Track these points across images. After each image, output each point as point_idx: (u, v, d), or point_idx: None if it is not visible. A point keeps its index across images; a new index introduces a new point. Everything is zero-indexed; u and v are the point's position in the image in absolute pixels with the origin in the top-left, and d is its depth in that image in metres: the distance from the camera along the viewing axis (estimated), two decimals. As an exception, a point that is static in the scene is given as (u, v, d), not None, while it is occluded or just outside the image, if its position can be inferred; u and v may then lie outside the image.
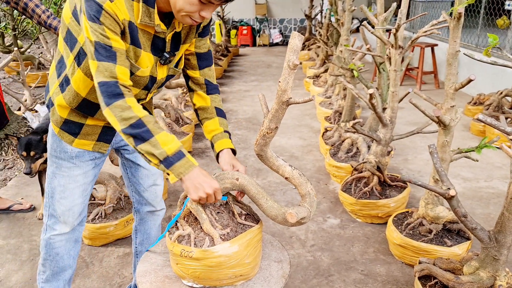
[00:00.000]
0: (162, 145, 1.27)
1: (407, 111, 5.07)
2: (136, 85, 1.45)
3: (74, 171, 1.62)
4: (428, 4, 7.65)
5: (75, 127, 1.57)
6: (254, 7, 11.05)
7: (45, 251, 1.74)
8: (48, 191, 1.67)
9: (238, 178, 1.40)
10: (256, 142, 1.33)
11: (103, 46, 1.27)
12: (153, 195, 1.88)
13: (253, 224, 1.44)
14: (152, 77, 1.47)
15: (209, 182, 1.31)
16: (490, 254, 1.70)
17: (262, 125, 1.28)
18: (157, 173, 1.85)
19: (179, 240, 1.39)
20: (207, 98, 1.64)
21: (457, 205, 1.65)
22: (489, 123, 1.40)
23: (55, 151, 1.62)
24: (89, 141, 1.60)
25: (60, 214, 1.67)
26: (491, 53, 5.13)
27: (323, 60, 6.38)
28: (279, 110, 1.21)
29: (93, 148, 1.61)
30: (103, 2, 1.25)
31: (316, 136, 4.43)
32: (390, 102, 2.75)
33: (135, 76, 1.41)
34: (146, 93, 1.53)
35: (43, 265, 1.77)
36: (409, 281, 2.24)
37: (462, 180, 3.37)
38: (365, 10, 2.92)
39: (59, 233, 1.70)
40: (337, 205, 3.03)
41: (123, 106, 1.28)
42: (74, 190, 1.64)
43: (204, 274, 1.35)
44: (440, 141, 2.21)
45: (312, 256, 2.47)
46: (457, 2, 1.99)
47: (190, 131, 4.12)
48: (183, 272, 1.39)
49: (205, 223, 1.37)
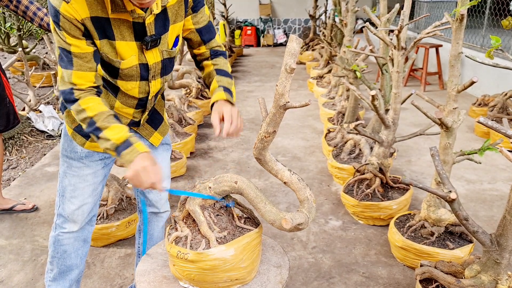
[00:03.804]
0: (111, 137, 1.32)
1: (410, 112, 5.04)
2: (129, 78, 1.44)
3: (84, 170, 1.64)
4: (433, 4, 7.61)
5: None
6: (259, 7, 11.04)
7: (53, 248, 1.75)
8: (59, 190, 1.69)
9: (236, 181, 1.39)
10: (254, 146, 1.32)
11: (64, 52, 1.32)
12: (158, 197, 1.89)
13: (252, 227, 1.44)
14: (143, 65, 1.45)
15: (149, 172, 1.31)
16: (492, 258, 1.68)
17: (260, 128, 1.28)
18: (164, 176, 1.85)
19: (176, 241, 1.39)
20: (210, 65, 1.63)
21: (459, 208, 1.64)
22: (490, 126, 1.39)
23: (65, 151, 1.64)
24: None
25: (69, 214, 1.69)
26: (495, 54, 5.10)
27: (327, 60, 6.37)
28: (277, 114, 1.20)
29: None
30: (59, 5, 1.25)
31: (319, 137, 4.42)
32: (393, 103, 2.73)
33: (122, 70, 1.41)
34: (147, 83, 1.51)
35: (51, 263, 1.78)
36: (410, 284, 2.23)
37: (465, 182, 3.35)
38: (367, 11, 2.91)
39: (68, 231, 1.73)
40: (339, 206, 3.02)
41: (78, 109, 1.35)
42: (84, 190, 1.66)
43: (199, 277, 1.35)
44: (442, 143, 2.19)
45: (314, 258, 2.46)
46: (459, 4, 1.97)
47: (193, 131, 4.12)
48: (179, 273, 1.39)
49: (202, 225, 1.37)
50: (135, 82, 1.48)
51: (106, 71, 1.46)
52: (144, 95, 1.56)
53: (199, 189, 1.44)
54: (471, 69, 5.89)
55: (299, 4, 10.97)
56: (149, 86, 1.53)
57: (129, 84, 1.49)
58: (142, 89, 1.52)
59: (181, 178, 3.50)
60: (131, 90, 1.51)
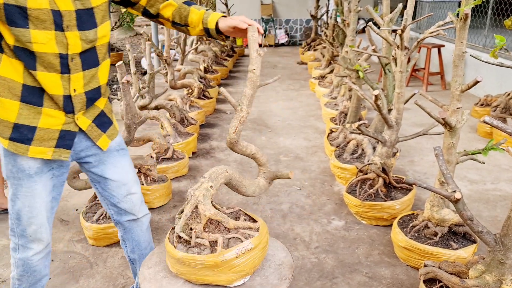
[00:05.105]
0: None
1: (412, 112, 5.03)
2: (42, 23, 1.34)
3: (36, 188, 1.54)
4: (435, 4, 7.60)
5: (27, 131, 1.45)
6: (260, 7, 11.04)
7: (21, 270, 1.67)
8: (13, 215, 1.58)
9: (226, 170, 1.51)
10: (235, 129, 1.44)
11: None
12: (131, 204, 1.79)
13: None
14: (54, 12, 1.35)
15: None
16: (497, 258, 1.68)
17: (241, 112, 1.43)
18: (130, 182, 1.76)
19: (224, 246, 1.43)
20: (172, 2, 1.59)
21: (463, 208, 1.63)
22: (495, 125, 1.38)
23: (11, 172, 1.52)
24: (46, 148, 1.49)
25: (32, 233, 1.60)
26: (499, 54, 5.09)
27: (329, 60, 6.36)
28: (254, 94, 1.41)
29: (53, 155, 1.51)
30: None
31: (321, 137, 4.41)
32: (396, 103, 2.73)
33: (31, 11, 1.32)
34: (63, 34, 1.39)
35: (19, 280, 1.70)
36: (414, 284, 2.22)
37: (468, 183, 3.34)
38: (370, 10, 2.90)
39: (36, 252, 1.64)
40: (342, 206, 3.01)
41: None
42: (41, 207, 1.57)
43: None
44: (446, 143, 2.18)
45: (316, 258, 2.45)
46: (463, 3, 1.97)
47: (195, 131, 4.12)
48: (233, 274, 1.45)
49: (230, 222, 1.48)
50: (50, 32, 1.36)
51: (13, 22, 1.33)
52: (64, 51, 1.41)
53: (200, 195, 1.44)
54: (473, 69, 5.88)
55: (300, 4, 10.96)
56: (66, 38, 1.40)
57: (44, 34, 1.36)
58: (59, 42, 1.39)
59: (183, 178, 3.50)
60: (48, 44, 1.37)
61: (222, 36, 1.61)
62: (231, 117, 5.21)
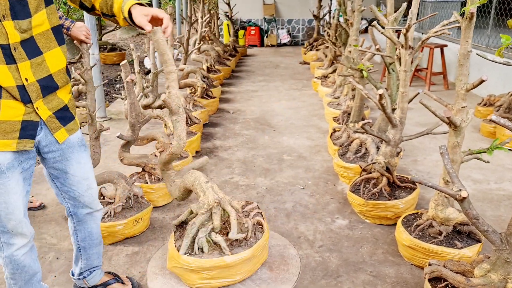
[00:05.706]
0: None
1: (416, 111, 5.03)
2: None
3: (9, 184, 1.55)
4: (438, 4, 7.60)
5: None
6: (262, 7, 11.05)
7: (11, 267, 1.69)
8: None
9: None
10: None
11: None
12: (90, 199, 1.88)
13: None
14: None
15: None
16: (502, 257, 1.68)
17: None
18: (91, 177, 1.84)
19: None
20: None
21: (469, 207, 1.64)
22: (502, 123, 1.38)
23: None
24: (10, 140, 1.50)
25: (13, 228, 1.62)
26: (503, 54, 5.08)
27: (331, 60, 6.36)
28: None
29: (17, 147, 1.52)
30: None
31: (324, 137, 4.41)
32: (400, 102, 2.73)
33: None
34: (3, 27, 1.39)
35: (13, 279, 1.72)
36: (418, 283, 2.22)
37: (472, 182, 3.34)
38: (374, 10, 2.90)
39: (19, 246, 1.66)
40: (346, 206, 3.02)
41: None
42: (17, 202, 1.59)
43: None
44: (450, 142, 2.19)
45: (321, 256, 2.46)
46: (469, 2, 1.97)
47: (198, 130, 4.13)
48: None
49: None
50: None
51: None
52: (5, 42, 1.42)
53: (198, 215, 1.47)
54: (476, 68, 5.87)
55: (303, 4, 10.97)
56: (4, 28, 1.40)
57: None
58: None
59: (187, 177, 3.50)
60: None
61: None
62: (234, 116, 5.22)
